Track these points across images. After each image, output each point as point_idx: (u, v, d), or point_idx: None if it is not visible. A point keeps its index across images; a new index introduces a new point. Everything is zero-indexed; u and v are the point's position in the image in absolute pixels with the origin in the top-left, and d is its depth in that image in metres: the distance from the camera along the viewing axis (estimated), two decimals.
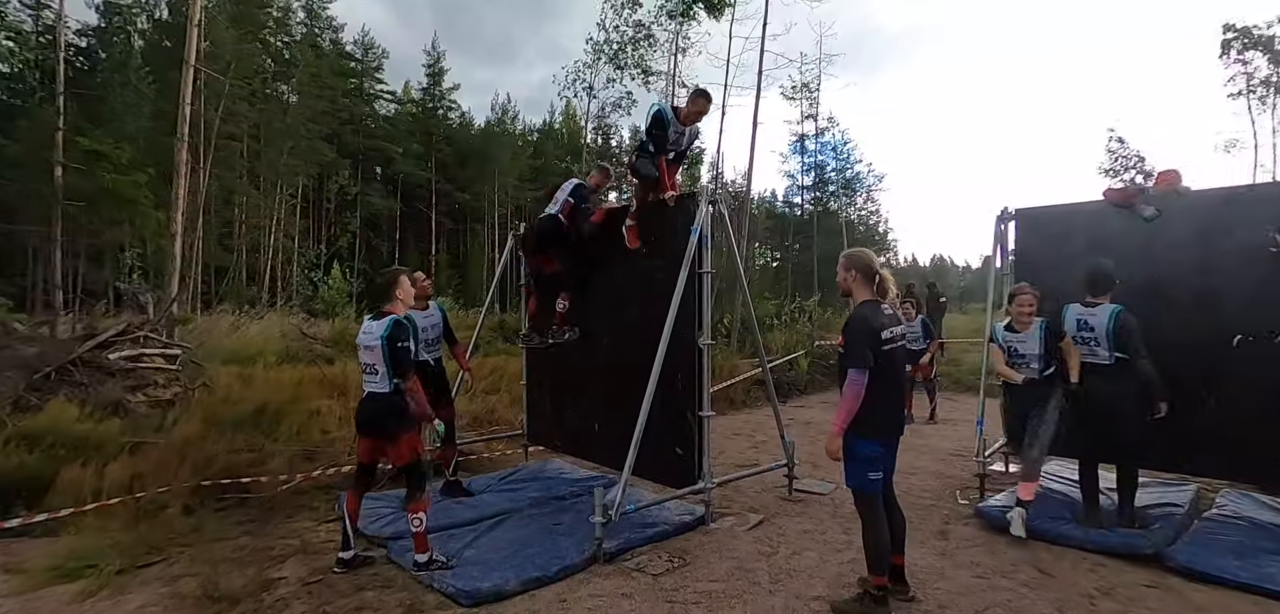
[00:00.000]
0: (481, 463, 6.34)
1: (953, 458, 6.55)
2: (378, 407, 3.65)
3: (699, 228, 4.39)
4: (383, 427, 3.65)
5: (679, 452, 4.61)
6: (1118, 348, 4.08)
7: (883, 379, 3.10)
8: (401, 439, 3.62)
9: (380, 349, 3.57)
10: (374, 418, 3.67)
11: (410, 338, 3.65)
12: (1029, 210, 5.54)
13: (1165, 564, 3.66)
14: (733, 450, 6.98)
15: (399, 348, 3.57)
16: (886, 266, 3.42)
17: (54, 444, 4.81)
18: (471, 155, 47.86)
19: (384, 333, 3.58)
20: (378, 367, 3.61)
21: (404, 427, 3.62)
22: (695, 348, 4.48)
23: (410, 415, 3.65)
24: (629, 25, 19.71)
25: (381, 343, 3.57)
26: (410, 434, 3.66)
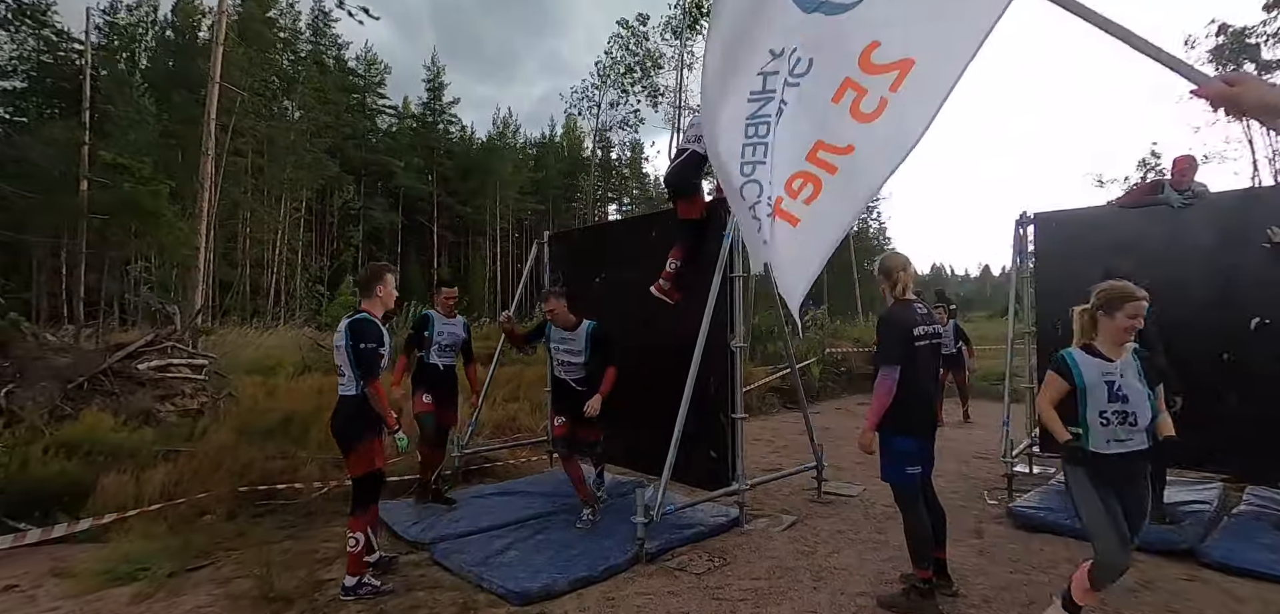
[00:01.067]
0: (507, 470, 6.38)
1: (976, 460, 6.60)
2: (342, 411, 3.43)
3: (731, 234, 4.46)
4: (343, 432, 3.42)
5: (712, 454, 4.67)
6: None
7: (915, 375, 3.17)
8: (357, 447, 3.38)
9: (344, 350, 3.38)
10: (336, 423, 3.45)
11: (379, 341, 3.36)
12: (1048, 214, 5.62)
13: (1200, 559, 3.72)
14: (755, 455, 7.01)
15: (363, 349, 3.31)
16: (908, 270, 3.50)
17: (91, 452, 4.87)
18: (472, 169, 48.11)
19: (346, 330, 3.38)
20: (345, 369, 3.40)
21: (362, 434, 3.38)
22: (727, 351, 4.56)
23: (372, 423, 3.40)
24: (635, 56, 20.10)
25: (344, 342, 3.37)
26: (367, 443, 3.40)
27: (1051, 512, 4.48)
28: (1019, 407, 5.93)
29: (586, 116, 22.42)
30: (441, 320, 5.03)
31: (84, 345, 7.19)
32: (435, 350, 4.94)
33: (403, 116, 48.69)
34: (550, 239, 6.47)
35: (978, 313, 39.53)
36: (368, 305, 3.50)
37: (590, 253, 5.96)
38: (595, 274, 5.82)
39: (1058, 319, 5.41)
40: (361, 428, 3.38)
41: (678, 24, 18.16)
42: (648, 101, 21.27)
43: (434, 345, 4.93)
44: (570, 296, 6.16)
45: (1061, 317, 5.25)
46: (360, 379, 3.35)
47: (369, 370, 3.33)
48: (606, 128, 22.67)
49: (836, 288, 25.52)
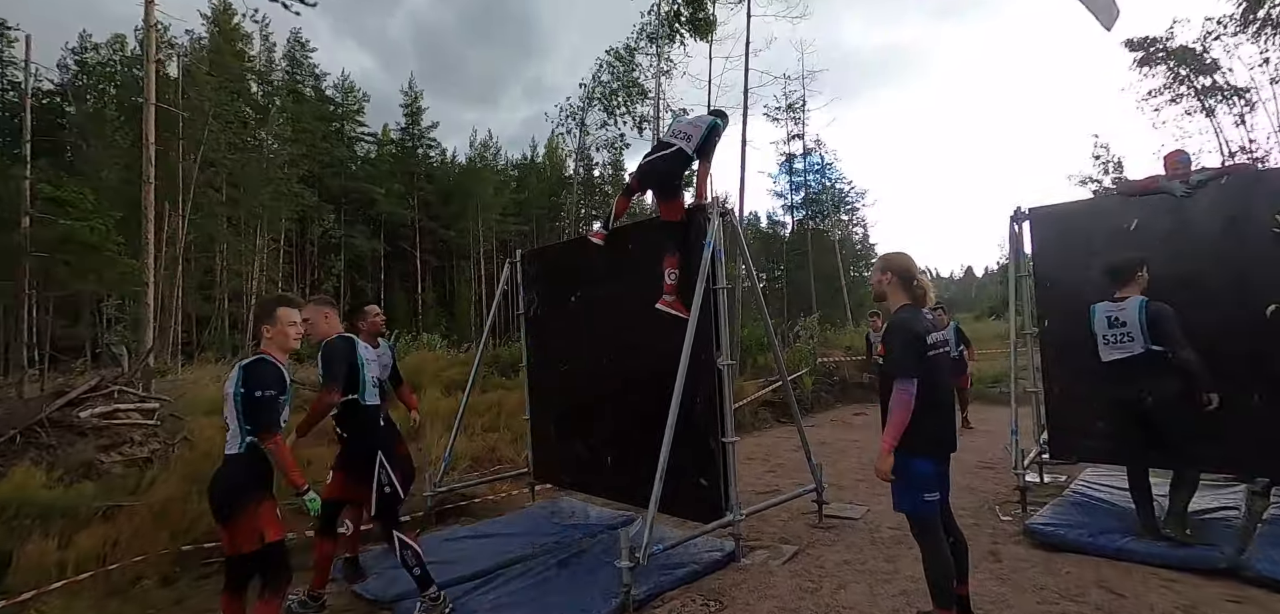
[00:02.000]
0: (485, 506, 5.95)
1: (981, 471, 6.27)
2: (222, 474, 2.83)
3: (712, 241, 4.12)
4: (222, 499, 2.79)
5: (703, 483, 4.28)
6: (1153, 340, 3.84)
7: (930, 388, 2.83)
8: (239, 516, 2.74)
9: (232, 399, 2.80)
10: (214, 489, 2.83)
11: (279, 388, 2.82)
12: (1043, 209, 5.33)
13: (1242, 575, 3.39)
14: (750, 476, 6.64)
15: (259, 398, 2.75)
16: (925, 274, 3.15)
17: (17, 515, 4.38)
18: (454, 192, 47.76)
19: (238, 374, 2.82)
20: (231, 422, 2.83)
21: (245, 501, 2.75)
22: (714, 369, 4.19)
23: (259, 485, 2.81)
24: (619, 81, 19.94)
25: (234, 392, 2.79)
26: (253, 509, 2.75)
27: (1072, 527, 4.14)
28: (1025, 410, 5.60)
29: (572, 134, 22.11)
30: (371, 353, 4.00)
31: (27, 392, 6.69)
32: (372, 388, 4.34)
33: (382, 143, 48.25)
34: (523, 258, 6.10)
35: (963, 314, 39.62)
36: (265, 347, 2.94)
37: (565, 270, 5.59)
38: (571, 293, 5.46)
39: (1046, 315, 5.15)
40: (245, 493, 2.76)
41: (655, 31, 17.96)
42: (633, 128, 21.08)
43: (369, 382, 4.32)
44: (547, 317, 5.83)
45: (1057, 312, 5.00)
46: (248, 434, 2.78)
47: (267, 423, 2.77)
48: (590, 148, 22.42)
49: (825, 295, 25.27)
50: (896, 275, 3.02)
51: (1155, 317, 3.86)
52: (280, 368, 2.88)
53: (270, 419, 2.78)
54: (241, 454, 2.78)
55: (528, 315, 6.00)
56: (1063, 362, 5.00)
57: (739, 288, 7.68)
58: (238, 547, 2.77)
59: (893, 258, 3.09)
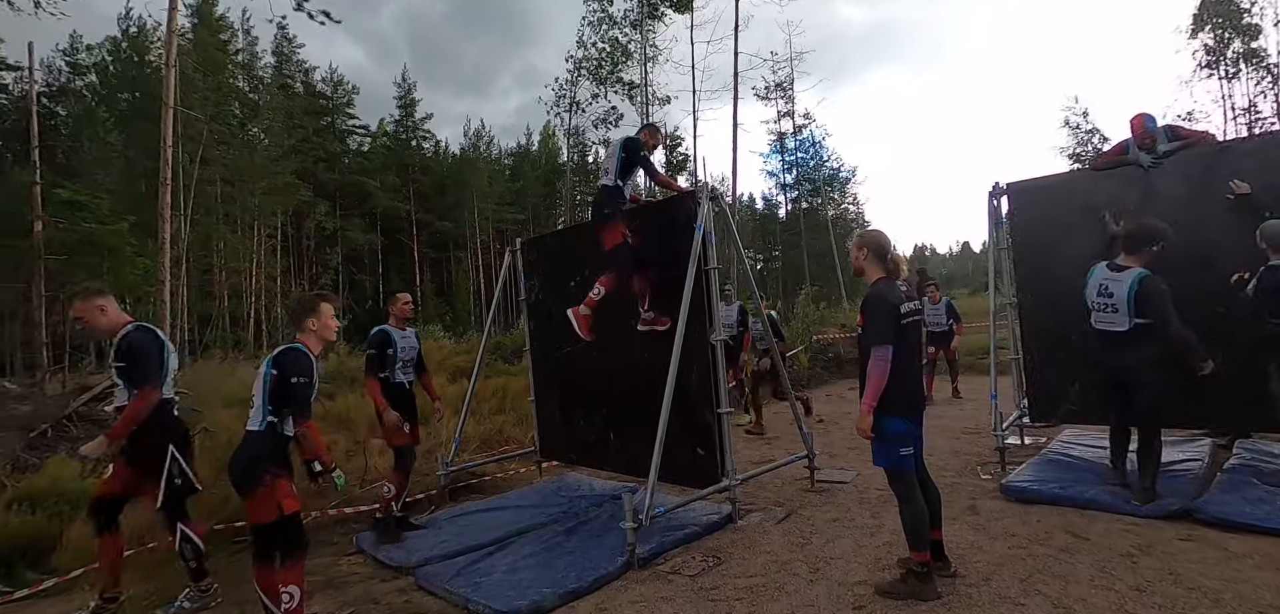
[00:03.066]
0: (495, 484, 6.24)
1: (966, 436, 6.58)
2: (244, 449, 3.05)
3: (702, 224, 4.38)
4: (242, 472, 2.99)
5: (700, 452, 4.57)
6: (1138, 314, 3.87)
7: (903, 355, 3.10)
8: (257, 489, 2.95)
9: (263, 379, 3.03)
10: (236, 462, 3.05)
11: (310, 376, 3.06)
12: (1021, 183, 5.59)
13: (1196, 517, 3.69)
14: (747, 448, 6.94)
15: (295, 384, 2.98)
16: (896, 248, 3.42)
17: (56, 502, 4.66)
18: (449, 183, 47.78)
19: (272, 360, 3.06)
20: (256, 400, 3.05)
21: (263, 475, 2.94)
22: (707, 345, 4.46)
23: (277, 461, 3.02)
24: (606, 42, 19.85)
25: (264, 374, 3.03)
26: (270, 484, 2.94)
27: (1045, 483, 4.44)
28: (1006, 378, 5.90)
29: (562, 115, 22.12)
30: (399, 334, 4.77)
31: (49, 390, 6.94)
32: (400, 368, 4.71)
33: (376, 136, 48.16)
34: (522, 246, 6.35)
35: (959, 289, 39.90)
36: (302, 337, 3.17)
37: (564, 257, 5.84)
38: (570, 278, 5.71)
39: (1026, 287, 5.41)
40: (264, 468, 2.97)
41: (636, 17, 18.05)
42: (624, 94, 21.02)
43: (398, 363, 4.69)
44: (548, 302, 6.08)
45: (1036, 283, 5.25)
46: (270, 413, 3.01)
47: (300, 408, 3.02)
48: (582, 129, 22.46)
49: (820, 273, 25.55)
50: (871, 250, 3.29)
51: (1144, 294, 3.85)
52: (312, 358, 3.14)
53: (304, 403, 3.04)
54: (262, 431, 3.03)
55: (529, 301, 6.26)
56: (1041, 330, 5.30)
57: (735, 269, 7.93)
58: (258, 518, 3.01)
59: (868, 235, 3.36)
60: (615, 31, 19.68)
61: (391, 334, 4.70)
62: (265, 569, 3.05)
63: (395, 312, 4.83)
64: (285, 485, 3.03)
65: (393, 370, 4.69)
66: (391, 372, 4.69)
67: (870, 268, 3.30)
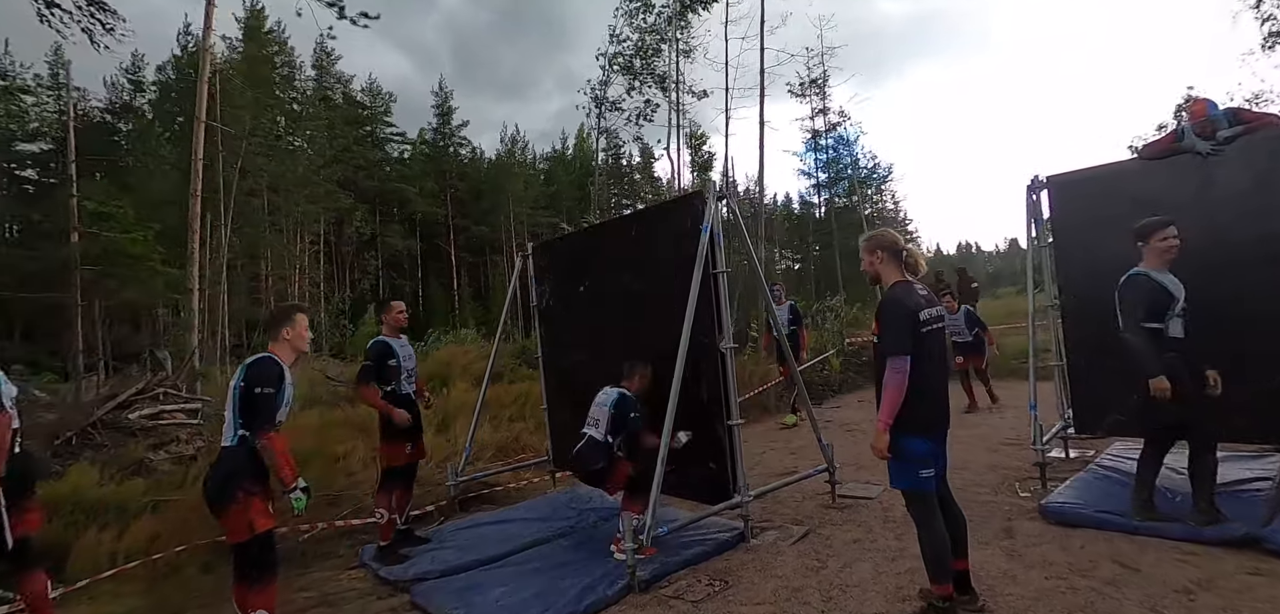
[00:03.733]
0: (507, 494, 6.12)
1: (1006, 447, 6.15)
2: (217, 467, 2.98)
3: (709, 225, 4.15)
4: (216, 491, 2.91)
5: (711, 465, 4.34)
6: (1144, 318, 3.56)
7: (924, 366, 2.80)
8: (230, 507, 2.86)
9: (231, 392, 2.97)
10: (209, 481, 2.97)
11: (277, 386, 2.95)
12: (1063, 176, 5.17)
13: (1265, 547, 3.27)
14: (770, 459, 6.66)
15: (258, 394, 2.89)
16: (913, 243, 3.13)
17: (73, 511, 4.72)
18: (485, 188, 48.44)
19: (241, 371, 2.99)
20: (227, 414, 2.99)
21: (236, 492, 2.86)
22: (717, 354, 4.23)
23: (252, 478, 2.92)
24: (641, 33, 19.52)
25: (234, 386, 2.97)
26: (243, 502, 2.86)
27: (1090, 504, 4.05)
28: (1047, 385, 5.47)
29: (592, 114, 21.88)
30: (398, 343, 4.62)
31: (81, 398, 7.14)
32: (404, 378, 4.59)
33: (415, 143, 49.21)
34: (534, 251, 6.22)
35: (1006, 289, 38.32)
36: (275, 347, 3.09)
37: (574, 261, 5.69)
38: (580, 283, 5.55)
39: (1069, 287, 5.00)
40: (237, 484, 2.87)
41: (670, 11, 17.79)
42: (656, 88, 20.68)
43: (403, 373, 4.57)
44: (558, 308, 5.94)
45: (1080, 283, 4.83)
46: (241, 427, 2.92)
47: (263, 419, 2.90)
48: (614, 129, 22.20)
49: (853, 275, 24.79)
50: (885, 251, 3.02)
51: (1120, 289, 3.66)
52: (283, 367, 3.03)
53: (266, 415, 2.92)
54: (234, 446, 2.93)
55: (541, 307, 6.13)
56: (1086, 334, 4.88)
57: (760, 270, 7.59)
58: (233, 536, 2.92)
59: (877, 236, 3.09)
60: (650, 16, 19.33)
61: (391, 345, 4.58)
62: (242, 589, 2.96)
63: (390, 321, 4.71)
64: (259, 503, 2.93)
65: (398, 381, 4.57)
66: (397, 383, 4.56)
67: (885, 270, 3.03)
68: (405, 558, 4.35)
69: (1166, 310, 3.57)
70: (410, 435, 4.56)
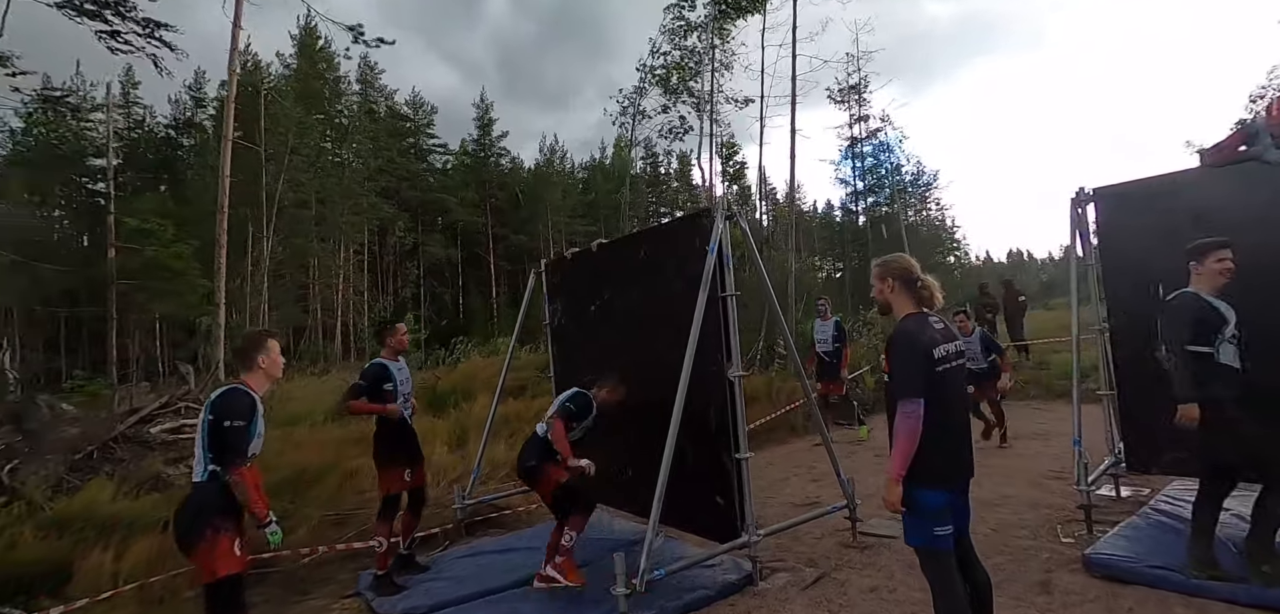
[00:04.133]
0: (517, 518, 5.96)
1: (1050, 481, 5.67)
2: (187, 503, 2.85)
3: (716, 244, 3.90)
4: (184, 529, 2.79)
5: (718, 500, 4.08)
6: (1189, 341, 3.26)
7: (939, 409, 2.50)
8: (198, 546, 2.73)
9: (201, 426, 2.83)
10: (179, 519, 2.84)
11: (248, 418, 2.82)
12: (1112, 188, 4.72)
13: None
14: (792, 487, 6.34)
15: (227, 428, 2.75)
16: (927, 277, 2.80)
17: (83, 527, 4.75)
18: (524, 198, 49.01)
19: (209, 404, 2.84)
20: (196, 448, 2.86)
21: (204, 530, 2.72)
22: (725, 381, 3.97)
23: (221, 516, 2.76)
24: (679, 51, 19.53)
25: (203, 419, 2.83)
26: (211, 542, 2.72)
27: (1140, 556, 3.61)
28: (1094, 408, 4.98)
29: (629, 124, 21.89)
30: (396, 366, 4.48)
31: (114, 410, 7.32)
32: (402, 402, 4.48)
33: (457, 154, 50.22)
34: (546, 267, 6.06)
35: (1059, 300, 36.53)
36: (248, 377, 2.97)
37: (584, 279, 5.50)
38: (591, 302, 5.36)
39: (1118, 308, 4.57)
40: (205, 521, 2.73)
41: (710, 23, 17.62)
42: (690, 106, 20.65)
43: (399, 397, 4.43)
44: (569, 326, 5.76)
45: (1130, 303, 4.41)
46: (211, 462, 2.78)
47: (233, 453, 2.77)
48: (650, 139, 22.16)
49: None
50: (898, 280, 2.72)
51: (1165, 307, 3.44)
52: (254, 398, 2.91)
53: (236, 449, 2.79)
54: (204, 482, 2.81)
55: (552, 326, 5.97)
56: (1138, 359, 4.43)
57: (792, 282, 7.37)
58: (202, 577, 2.79)
59: (891, 262, 2.78)
60: (692, 38, 19.26)
61: (388, 367, 4.46)
62: None
63: (392, 343, 4.59)
64: (226, 543, 2.78)
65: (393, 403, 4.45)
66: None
67: (897, 300, 2.73)
68: (400, 589, 4.22)
69: (1216, 333, 3.23)
70: (409, 461, 4.44)
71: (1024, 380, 11.07)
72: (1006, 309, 13.07)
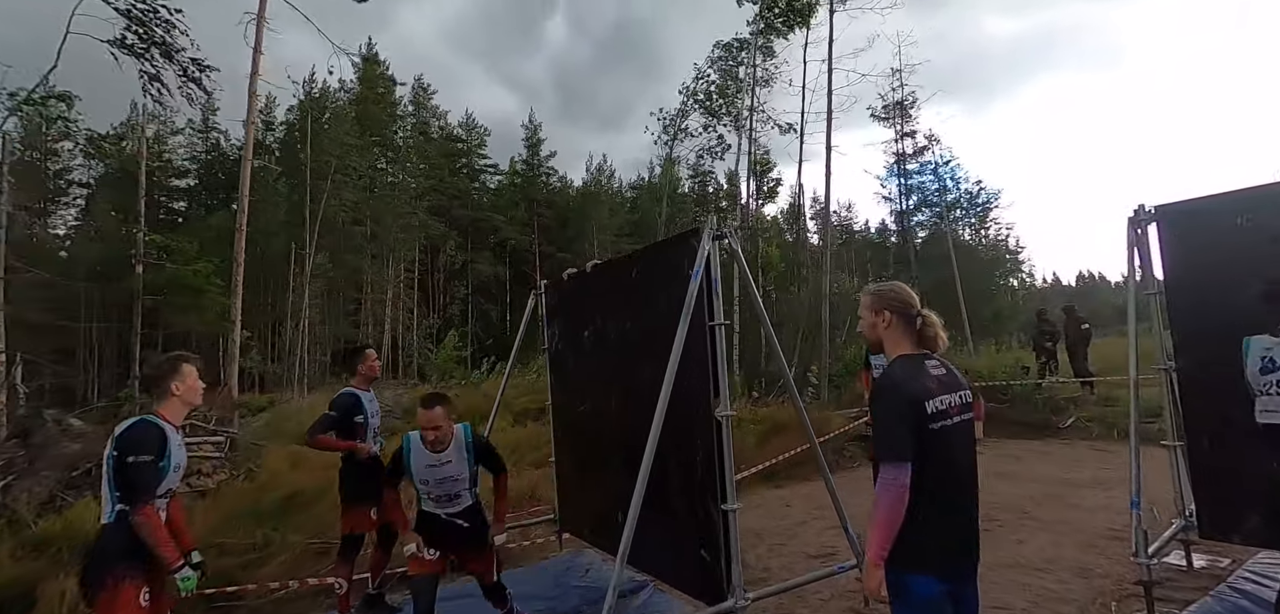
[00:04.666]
0: (507, 555, 5.58)
1: (1108, 543, 4.93)
2: (94, 548, 2.62)
3: (700, 270, 3.47)
4: (90, 576, 2.56)
5: (704, 555, 3.61)
6: None
7: (934, 475, 2.02)
8: (100, 597, 2.51)
9: (106, 462, 2.59)
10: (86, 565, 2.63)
11: (157, 454, 2.58)
12: (1178, 205, 4.04)
13: None
14: (809, 533, 5.78)
15: (131, 464, 2.51)
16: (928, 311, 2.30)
17: (60, 549, 4.67)
18: (571, 217, 49.47)
19: (112, 439, 2.61)
20: (103, 488, 2.63)
21: (105, 578, 2.50)
22: (713, 421, 3.52)
23: (126, 563, 2.52)
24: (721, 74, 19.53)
25: (108, 455, 2.59)
26: (112, 592, 2.49)
27: None
28: (1156, 452, 4.26)
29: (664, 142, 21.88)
30: (367, 397, 4.23)
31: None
32: (370, 435, 4.21)
33: (507, 174, 51.27)
34: (546, 288, 5.75)
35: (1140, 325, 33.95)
36: (162, 408, 2.72)
37: (580, 302, 5.15)
38: (585, 327, 5.00)
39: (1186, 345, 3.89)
40: (107, 568, 2.51)
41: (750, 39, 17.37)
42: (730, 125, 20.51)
43: (370, 431, 4.18)
44: (565, 352, 5.41)
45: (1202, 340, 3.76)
46: (119, 502, 2.55)
47: (139, 491, 2.52)
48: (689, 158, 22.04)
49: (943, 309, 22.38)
50: (894, 313, 2.24)
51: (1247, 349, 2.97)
52: (163, 429, 2.66)
53: (142, 488, 2.54)
54: (112, 524, 2.57)
55: (550, 351, 5.64)
56: (1213, 405, 3.75)
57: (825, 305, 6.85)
58: None
59: (885, 291, 2.31)
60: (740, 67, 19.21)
61: (360, 399, 4.21)
62: None
63: (363, 371, 4.33)
64: (129, 593, 2.52)
65: (364, 439, 4.19)
66: (362, 439, 4.19)
67: (891, 338, 2.26)
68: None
69: None
70: (376, 498, 4.15)
71: (1087, 418, 10.09)
72: (1067, 337, 11.99)
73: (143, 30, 9.51)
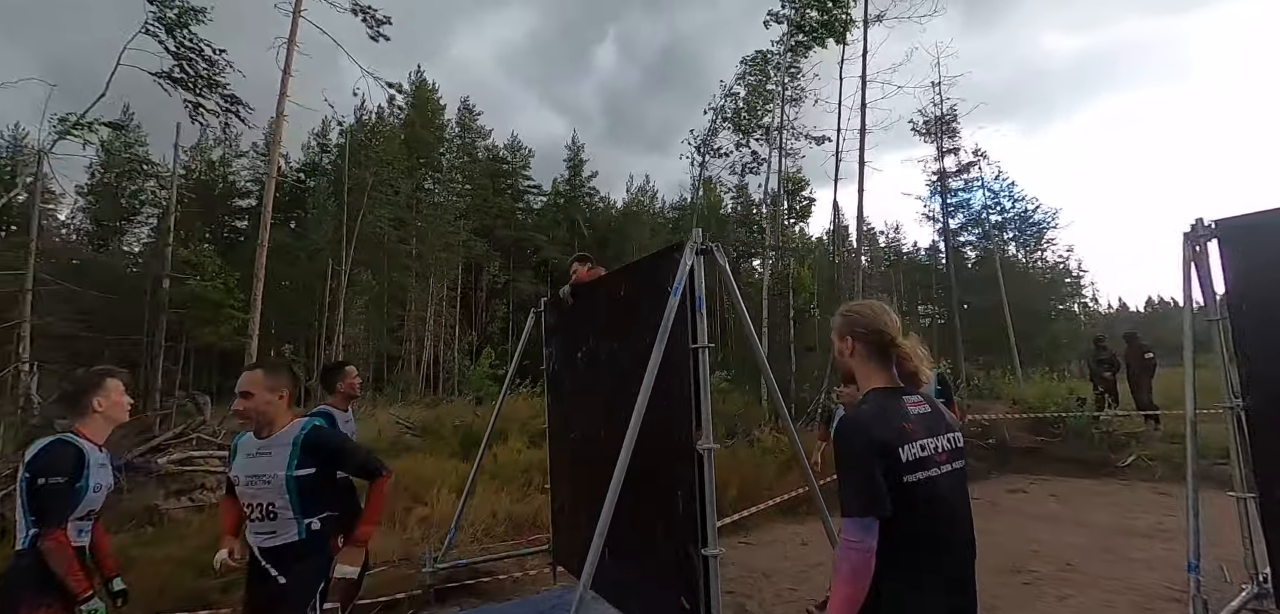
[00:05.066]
0: (497, 586, 5.34)
1: (1168, 604, 4.31)
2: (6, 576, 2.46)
3: (680, 287, 3.16)
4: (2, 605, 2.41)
5: (684, 604, 3.26)
6: None
7: (910, 534, 1.66)
8: None
9: (19, 485, 2.46)
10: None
11: (72, 475, 2.42)
12: (1241, 220, 3.51)
13: None
14: (822, 576, 5.31)
15: (42, 486, 2.37)
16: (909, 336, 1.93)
17: None
18: (611, 236, 49.73)
19: (26, 460, 2.46)
20: (17, 513, 2.50)
21: (19, 607, 2.35)
22: (693, 455, 3.18)
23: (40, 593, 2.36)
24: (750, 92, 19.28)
25: (21, 478, 2.46)
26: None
27: None
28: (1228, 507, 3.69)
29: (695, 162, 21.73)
30: (343, 416, 4.01)
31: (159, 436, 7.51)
32: None
33: (550, 195, 52.01)
34: (545, 306, 5.51)
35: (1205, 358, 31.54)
36: (82, 426, 2.57)
37: (576, 322, 4.90)
38: (578, 348, 4.74)
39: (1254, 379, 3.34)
40: (19, 596, 2.36)
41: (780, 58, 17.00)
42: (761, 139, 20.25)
43: None
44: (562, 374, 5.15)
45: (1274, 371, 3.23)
46: (33, 526, 2.40)
47: (51, 516, 2.38)
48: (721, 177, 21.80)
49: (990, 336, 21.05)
50: (861, 340, 1.89)
51: None
52: (83, 450, 2.51)
53: (54, 511, 2.39)
54: (25, 549, 2.42)
55: (548, 371, 5.39)
56: None
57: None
58: None
59: (853, 313, 1.95)
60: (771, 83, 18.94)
61: (335, 418, 4.01)
62: None
63: (342, 389, 4.13)
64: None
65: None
66: None
67: (861, 370, 1.90)
68: None
69: None
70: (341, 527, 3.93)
71: (1150, 456, 9.20)
72: (1129, 368, 11.02)
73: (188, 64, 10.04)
